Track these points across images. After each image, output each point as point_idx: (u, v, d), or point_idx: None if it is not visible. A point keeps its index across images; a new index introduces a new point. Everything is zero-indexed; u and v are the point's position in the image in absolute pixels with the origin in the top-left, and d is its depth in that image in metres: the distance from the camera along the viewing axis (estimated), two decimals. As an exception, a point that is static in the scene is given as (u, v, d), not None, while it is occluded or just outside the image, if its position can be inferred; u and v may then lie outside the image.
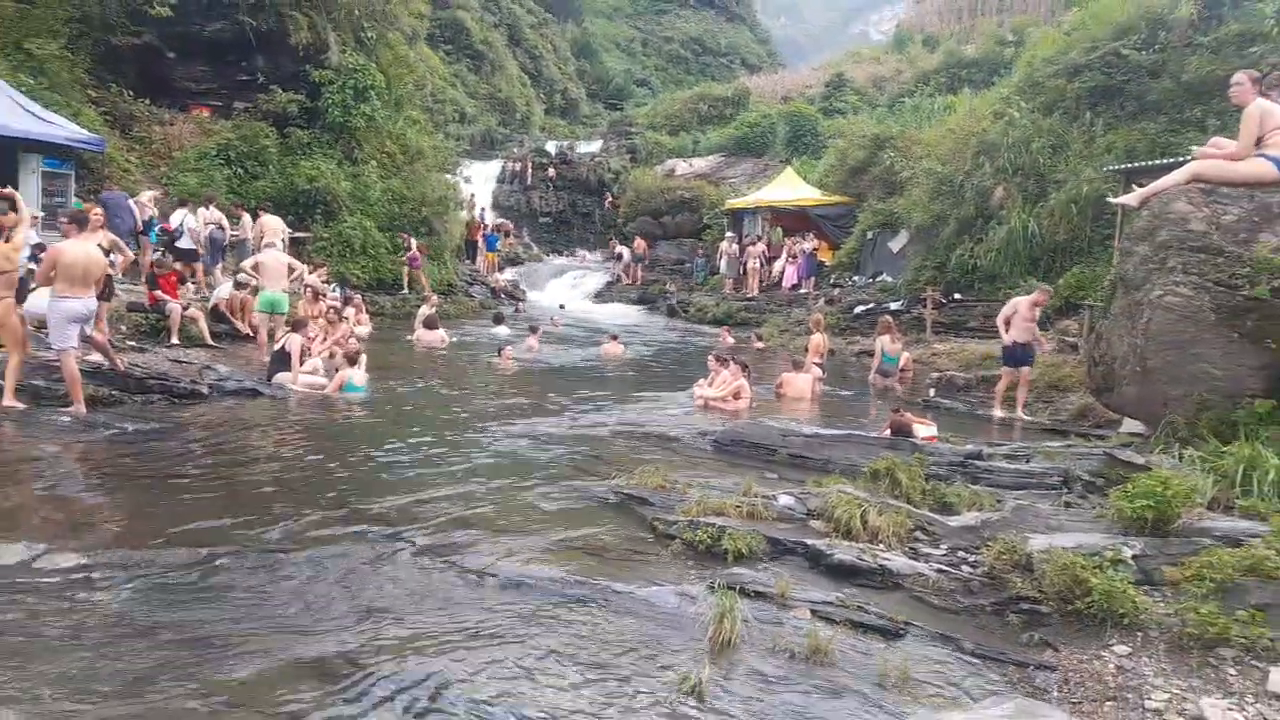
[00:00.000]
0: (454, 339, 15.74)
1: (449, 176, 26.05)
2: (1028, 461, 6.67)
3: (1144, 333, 6.60)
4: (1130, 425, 7.65)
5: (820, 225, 25.04)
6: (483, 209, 30.44)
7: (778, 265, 24.28)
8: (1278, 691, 3.57)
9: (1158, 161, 11.94)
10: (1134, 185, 10.61)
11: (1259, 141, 6.78)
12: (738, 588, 4.35)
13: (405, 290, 20.25)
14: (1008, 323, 10.67)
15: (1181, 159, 9.92)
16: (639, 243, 29.55)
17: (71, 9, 17.42)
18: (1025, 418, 10.16)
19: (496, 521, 5.62)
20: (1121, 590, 4.18)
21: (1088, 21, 18.87)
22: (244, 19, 19.44)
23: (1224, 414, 6.09)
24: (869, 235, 22.21)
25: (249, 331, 12.77)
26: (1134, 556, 4.57)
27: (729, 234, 26.86)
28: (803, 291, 22.83)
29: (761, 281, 24.29)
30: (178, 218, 14.65)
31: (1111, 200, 9.69)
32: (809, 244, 23.74)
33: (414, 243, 20.47)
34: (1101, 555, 4.53)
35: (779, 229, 25.84)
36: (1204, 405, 6.21)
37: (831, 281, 22.74)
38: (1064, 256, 15.74)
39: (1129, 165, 13.70)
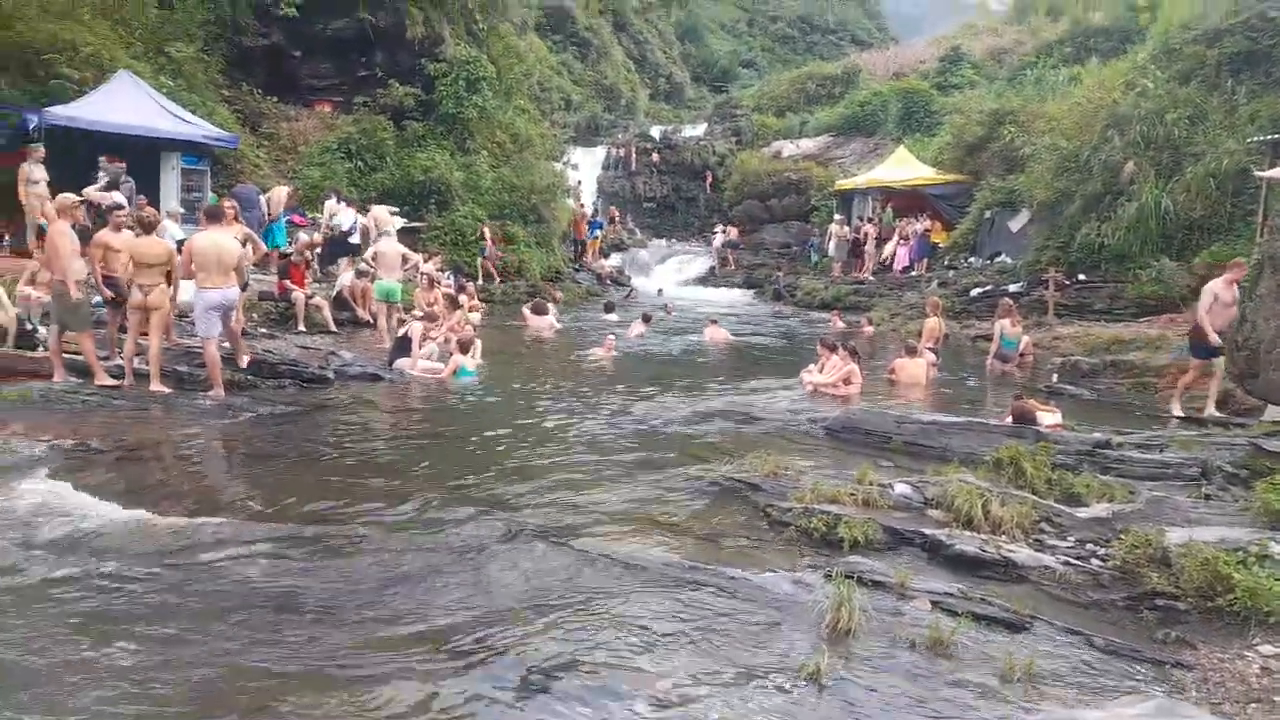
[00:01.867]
0: (562, 325, 16.00)
1: (556, 164, 26.40)
2: (1162, 451, 6.34)
3: (1295, 315, 6.18)
4: (1275, 413, 7.18)
5: (935, 205, 24.28)
6: (584, 205, 30.56)
7: (889, 247, 23.69)
8: None
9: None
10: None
11: None
12: (855, 576, 4.30)
13: (481, 281, 19.38)
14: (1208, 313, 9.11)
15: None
16: (731, 229, 29.29)
17: (207, 12, 18.44)
18: (1217, 414, 8.89)
19: (608, 506, 5.71)
20: (1268, 587, 3.96)
21: (1230, -18, 17.61)
22: (364, 16, 20.14)
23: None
24: (987, 214, 21.40)
25: (369, 318, 13.30)
26: (1283, 553, 4.30)
27: (838, 216, 26.34)
28: (915, 274, 22.21)
29: (872, 264, 23.80)
30: (346, 217, 15.47)
31: (1258, 173, 9.04)
32: (921, 225, 23.07)
33: (488, 233, 20.16)
34: (1246, 550, 4.30)
35: (890, 210, 25.19)
36: (1363, 393, 5.78)
37: (946, 263, 22.04)
38: (1201, 234, 14.80)
39: (1277, 136, 12.76)
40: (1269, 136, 13.04)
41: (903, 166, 25.79)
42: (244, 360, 8.95)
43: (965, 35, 40.92)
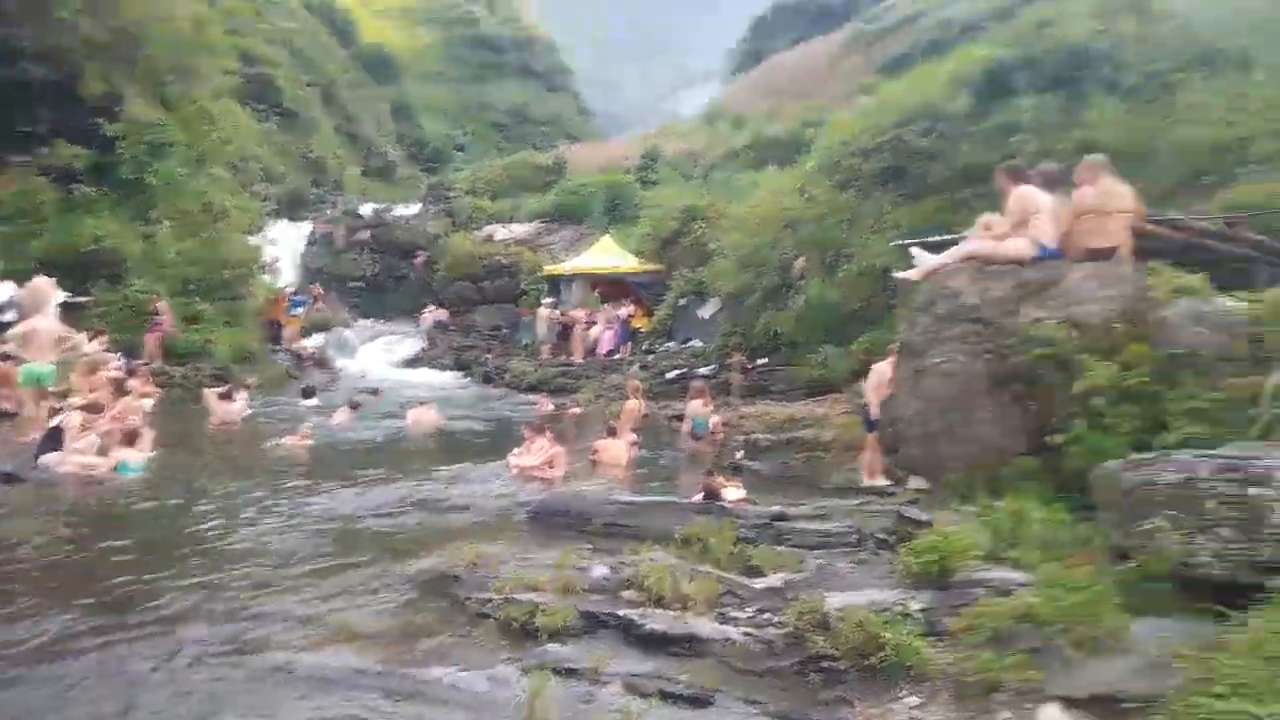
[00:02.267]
0: (252, 411, 14.82)
1: (254, 238, 24.81)
2: (827, 521, 6.98)
3: (925, 396, 7.15)
4: (917, 482, 8.19)
5: (636, 291, 25.68)
6: (288, 288, 28.92)
7: (594, 331, 24.62)
8: (1043, 729, 3.87)
9: (937, 238, 13.08)
10: (915, 261, 11.58)
11: (1023, 224, 7.59)
12: (550, 666, 4.27)
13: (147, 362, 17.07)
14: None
15: (957, 235, 10.93)
16: (441, 310, 29.17)
17: None
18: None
19: (297, 611, 5.26)
20: (909, 643, 4.41)
21: (878, 108, 20.63)
22: (28, 67, 17.90)
23: (994, 471, 6.65)
24: (681, 302, 22.96)
25: (10, 408, 11.50)
26: (921, 610, 4.85)
27: (547, 300, 27.02)
28: (618, 357, 23.20)
29: (582, 347, 24.56)
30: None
31: (897, 274, 10.50)
32: (624, 310, 24.26)
33: (162, 306, 18.32)
34: (892, 610, 4.79)
35: (596, 295, 26.28)
36: (978, 463, 6.76)
37: (645, 347, 23.25)
38: (858, 324, 16.84)
39: (912, 241, 14.93)
40: (907, 241, 15.21)
41: (607, 254, 27.12)
42: None
43: (664, 136, 44.40)
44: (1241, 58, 15.05)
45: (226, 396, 14.46)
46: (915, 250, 9.12)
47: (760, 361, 17.88)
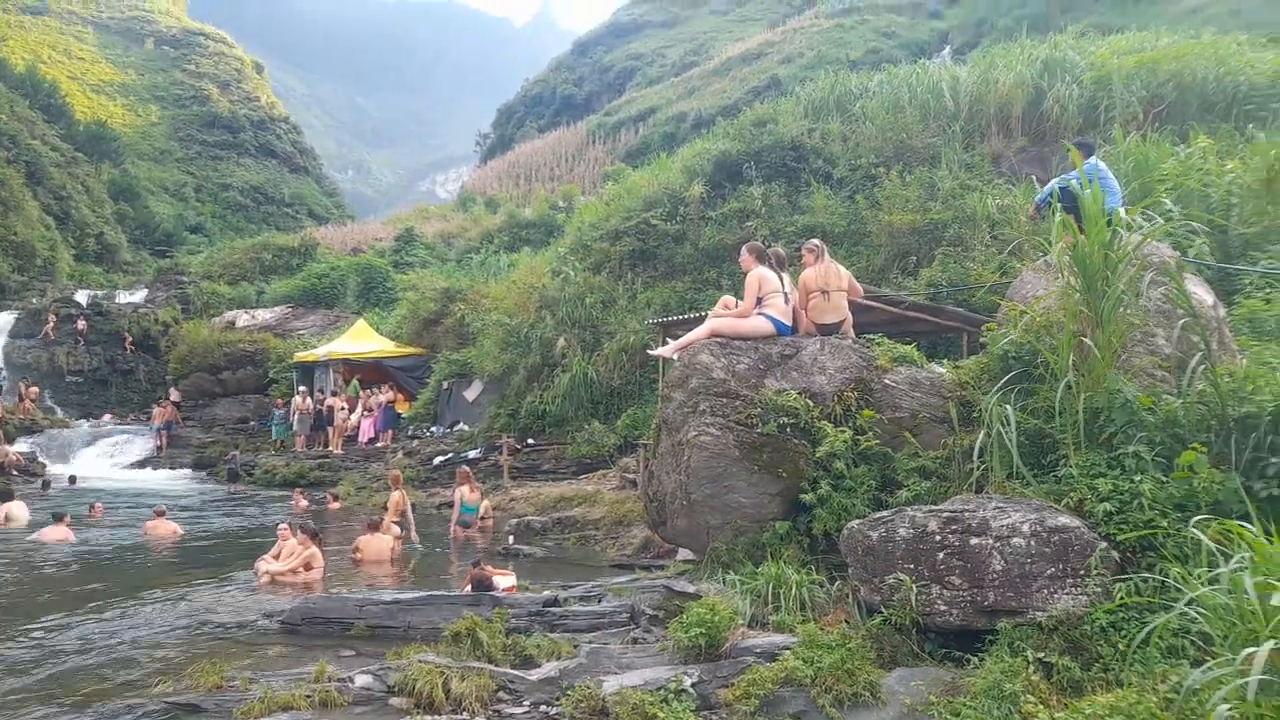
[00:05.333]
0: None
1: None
2: (600, 601, 6.98)
3: (686, 469, 7.39)
4: (684, 554, 8.42)
5: (396, 376, 24.90)
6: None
7: (353, 418, 23.54)
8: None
9: (687, 315, 13.79)
10: (668, 338, 12.14)
11: (759, 302, 8.16)
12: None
13: None
14: None
15: (704, 313, 11.58)
16: (167, 406, 26.77)
17: None
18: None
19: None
20: (684, 720, 4.46)
21: (623, 194, 21.65)
22: None
23: (754, 538, 6.97)
24: (445, 385, 22.54)
25: None
26: (694, 684, 4.92)
27: (300, 388, 25.51)
28: (380, 445, 22.30)
29: (340, 436, 23.34)
30: None
31: (652, 351, 10.93)
32: (385, 396, 23.42)
33: None
34: (666, 688, 4.82)
35: (355, 381, 25.18)
36: (739, 531, 7.06)
37: (410, 433, 22.54)
38: (621, 399, 17.32)
39: (664, 319, 15.66)
40: (660, 320, 15.93)
41: (363, 339, 26.17)
42: None
43: (418, 218, 43.97)
44: (929, 153, 17.35)
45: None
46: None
47: (529, 441, 17.84)
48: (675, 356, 8.67)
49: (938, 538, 5.18)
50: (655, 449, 8.49)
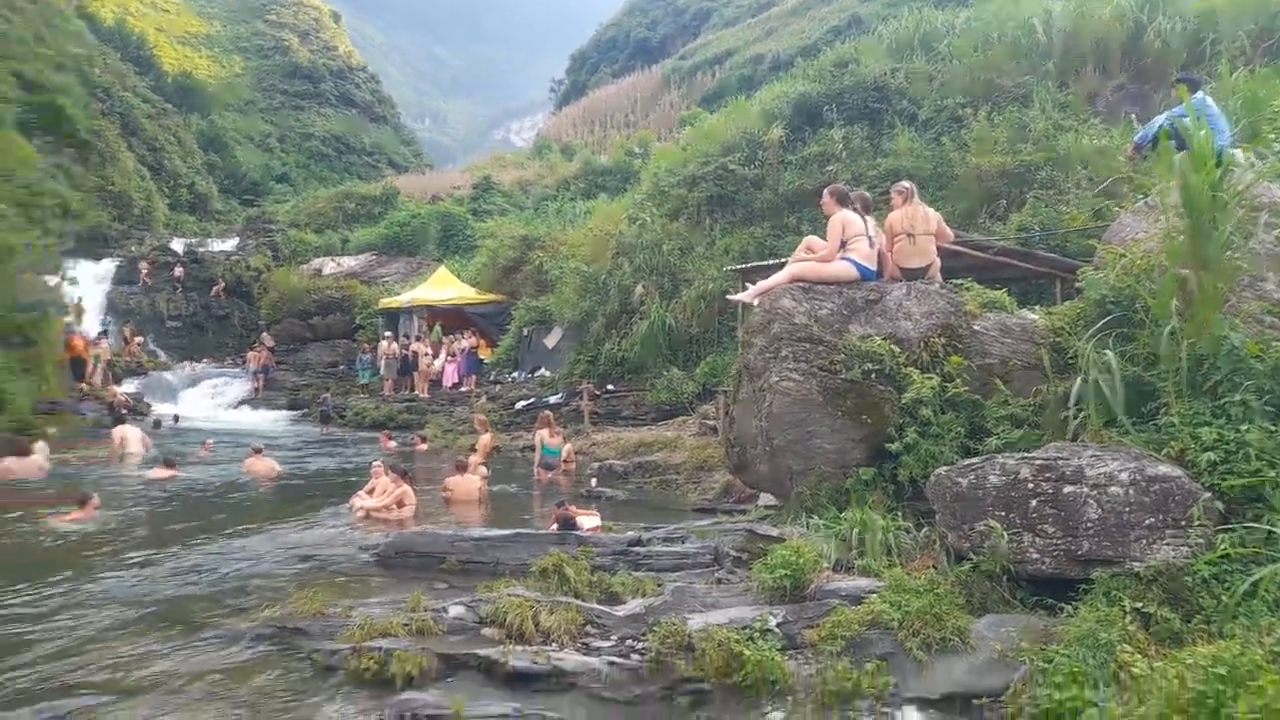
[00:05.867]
0: (49, 466, 13.52)
1: (49, 278, 22.74)
2: (683, 543, 7.09)
3: (768, 415, 7.38)
4: (766, 499, 8.46)
5: (477, 323, 25.35)
6: (97, 324, 26.81)
7: (438, 363, 24.12)
8: (907, 733, 4.06)
9: (766, 262, 13.67)
10: (748, 284, 12.05)
11: (843, 246, 8.02)
12: (408, 715, 4.08)
13: None
14: None
15: (784, 259, 11.46)
16: (262, 351, 27.79)
17: None
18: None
19: (125, 682, 4.81)
20: (770, 658, 4.53)
21: (700, 139, 21.39)
22: None
23: (838, 484, 6.96)
24: (525, 332, 22.87)
25: None
26: (779, 624, 4.98)
27: (386, 333, 26.22)
28: (464, 389, 22.82)
29: (426, 381, 23.99)
30: None
31: (731, 296, 10.88)
32: (468, 341, 23.90)
33: None
34: (751, 627, 4.89)
35: (437, 327, 25.75)
36: (822, 477, 7.05)
37: (492, 378, 23.00)
38: (699, 346, 17.34)
39: (743, 265, 15.54)
40: (739, 266, 15.82)
41: (445, 286, 26.66)
42: None
43: (495, 166, 44.22)
44: (1020, 92, 16.62)
45: (21, 451, 13.13)
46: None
47: (608, 387, 18.04)
48: (755, 302, 8.61)
49: (1030, 485, 5.09)
50: (736, 395, 8.50)
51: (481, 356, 24.09)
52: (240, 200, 51.32)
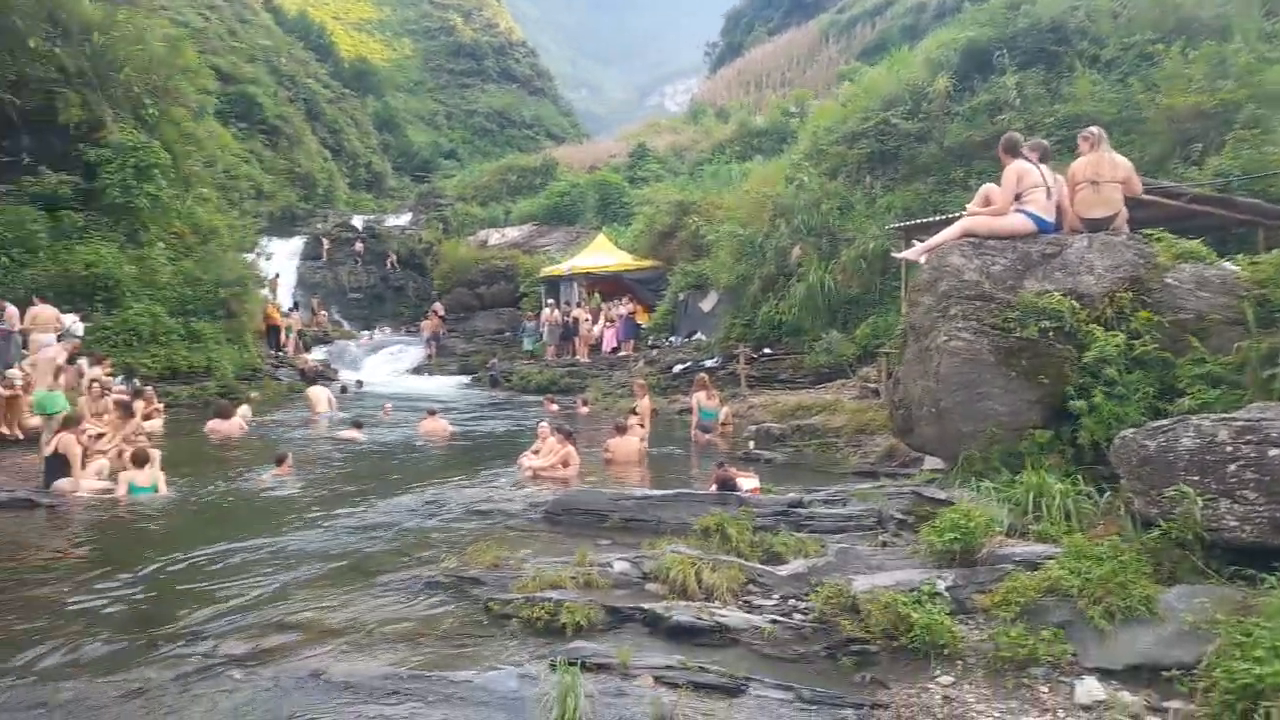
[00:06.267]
0: (250, 427, 14.80)
1: (248, 255, 24.82)
2: (845, 505, 6.98)
3: (935, 376, 7.12)
4: (932, 462, 8.19)
5: (634, 289, 25.69)
6: (288, 297, 29.07)
7: (597, 329, 24.66)
8: (1084, 703, 3.86)
9: (932, 218, 13.10)
10: (914, 240, 11.59)
11: (1018, 198, 7.58)
12: (579, 662, 4.24)
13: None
14: None
15: (950, 215, 10.94)
16: (433, 319, 29.13)
17: None
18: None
19: (318, 620, 5.24)
20: (939, 622, 4.41)
21: (860, 94, 20.65)
22: (5, 97, 17.90)
23: (1010, 446, 6.63)
24: (681, 297, 22.99)
25: (17, 435, 11.47)
26: (948, 588, 4.84)
27: (548, 301, 27.04)
28: (623, 354, 23.24)
29: (586, 346, 24.62)
30: None
31: (896, 254, 10.51)
32: (625, 307, 24.28)
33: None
34: (919, 590, 4.78)
35: (596, 294, 26.30)
36: (993, 439, 6.74)
37: (650, 343, 23.30)
38: (859, 308, 16.89)
39: (907, 222, 14.97)
40: (902, 223, 15.24)
41: (603, 253, 27.13)
42: None
43: (649, 133, 44.37)
44: (1218, 24, 15.06)
45: (223, 414, 14.43)
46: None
47: (765, 351, 17.91)
48: (922, 260, 8.29)
49: (1229, 448, 4.68)
50: (900, 356, 8.25)
51: (639, 322, 24.43)
52: (412, 177, 53.99)
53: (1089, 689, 3.94)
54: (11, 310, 14.96)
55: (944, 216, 11.98)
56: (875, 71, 22.78)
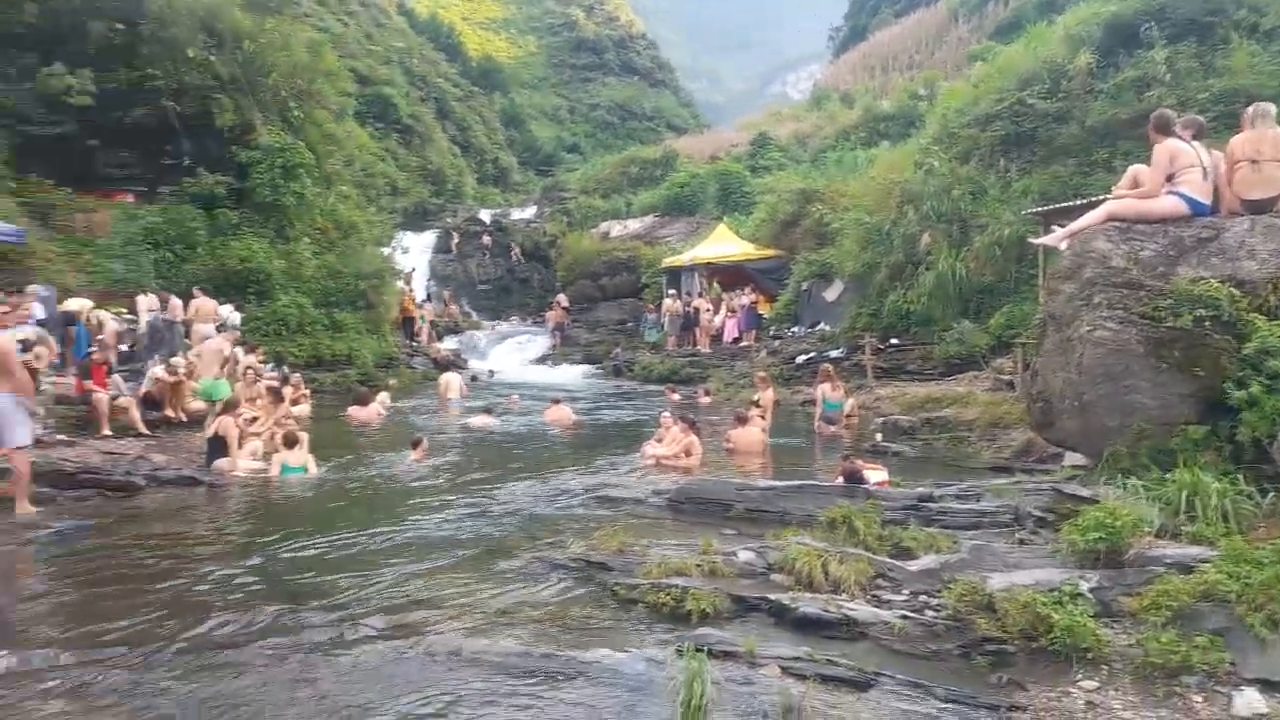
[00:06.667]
0: (386, 414, 15.48)
1: (384, 249, 25.95)
2: (978, 501, 6.76)
3: (1078, 367, 6.79)
4: (1073, 458, 7.81)
5: (756, 279, 25.48)
6: (422, 289, 30.32)
7: (718, 319, 24.60)
8: (1244, 715, 3.63)
9: (1073, 202, 12.46)
10: (1053, 226, 11.05)
11: (1170, 179, 7.12)
12: (705, 649, 4.28)
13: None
14: None
15: (1093, 198, 10.37)
16: (558, 310, 29.57)
17: (-13, 101, 17.22)
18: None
19: (454, 599, 5.47)
20: (1082, 624, 4.23)
21: (994, 74, 19.80)
22: (168, 104, 19.32)
23: (1161, 442, 6.26)
24: (804, 286, 22.66)
25: (181, 418, 12.39)
26: (1091, 589, 4.63)
27: (670, 291, 27.16)
28: (744, 344, 23.11)
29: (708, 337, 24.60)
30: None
31: (1034, 240, 10.05)
32: (747, 297, 24.12)
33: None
34: (1060, 590, 4.59)
35: (717, 284, 26.23)
36: (1142, 435, 6.38)
37: (772, 333, 23.08)
38: (993, 297, 16.24)
39: (1046, 207, 14.28)
40: (1040, 208, 14.56)
41: (724, 243, 27.01)
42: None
43: (771, 121, 43.81)
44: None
45: (362, 401, 15.15)
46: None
47: (892, 341, 17.47)
48: (1063, 246, 7.90)
49: None
50: (1039, 346, 7.90)
51: (761, 312, 24.22)
52: (536, 171, 55.19)
53: (1249, 700, 3.71)
54: (175, 302, 16.16)
55: (1086, 200, 11.37)
56: (1010, 50, 21.78)
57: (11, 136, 17.79)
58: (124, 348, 13.97)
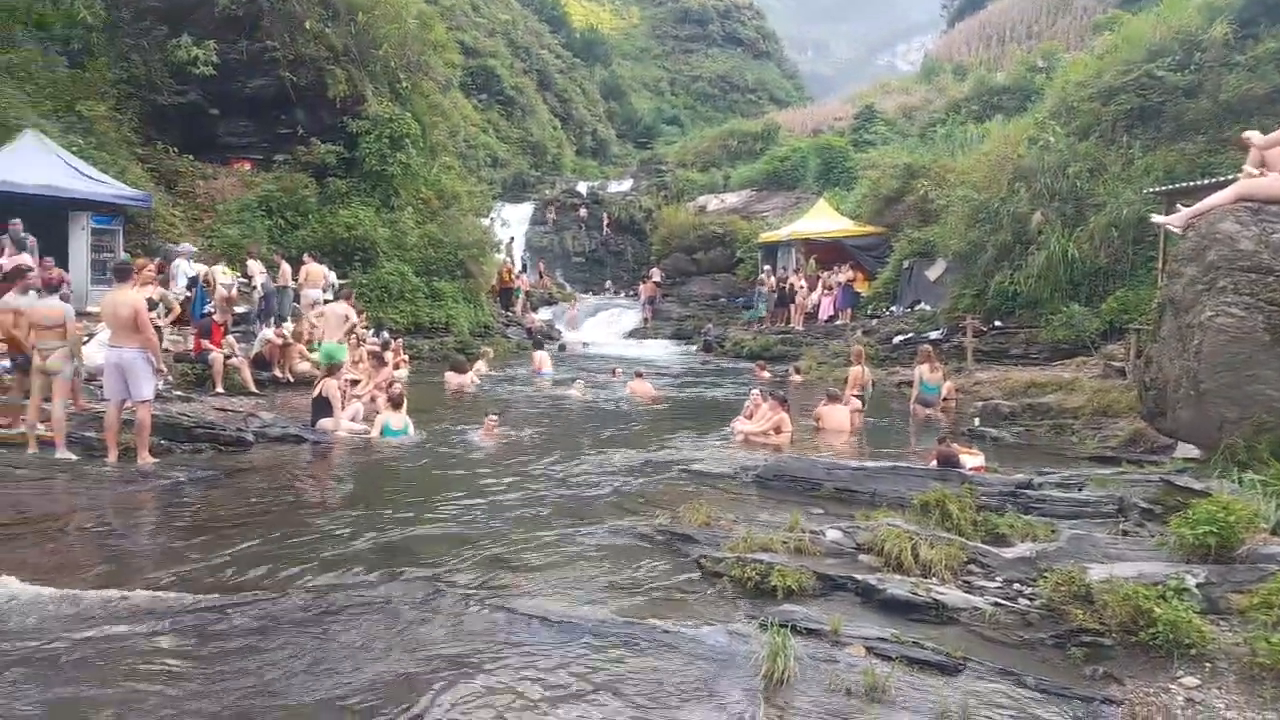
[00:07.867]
0: (480, 382, 15.81)
1: (484, 220, 26.43)
2: (1080, 490, 6.52)
3: (1196, 355, 6.46)
4: (1185, 450, 7.46)
5: (855, 256, 24.96)
6: (518, 260, 30.80)
7: (813, 297, 24.23)
8: (1360, 724, 3.43)
9: (1200, 182, 11.76)
10: (1177, 206, 10.47)
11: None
12: (789, 625, 4.26)
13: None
14: None
15: (1223, 178, 9.76)
16: (649, 284, 29.53)
17: (120, 71, 18.13)
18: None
19: (541, 564, 5.59)
20: (1187, 620, 4.05)
21: (1120, 45, 18.76)
22: (285, 75, 20.04)
23: (1284, 436, 5.92)
24: (905, 264, 22.09)
25: (288, 378, 12.96)
26: (1198, 585, 4.44)
27: (765, 267, 26.85)
28: (839, 323, 22.72)
29: (801, 314, 24.29)
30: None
31: (1156, 220, 9.54)
32: (844, 275, 23.67)
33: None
34: (1164, 584, 4.41)
35: (813, 261, 25.81)
36: (1262, 427, 6.04)
37: (869, 312, 22.62)
38: (1106, 280, 15.52)
39: (1170, 186, 13.52)
40: (1164, 187, 13.79)
41: (823, 219, 26.52)
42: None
43: (877, 94, 42.60)
44: None
45: (458, 369, 15.52)
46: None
47: (995, 324, 16.89)
48: (1184, 227, 7.48)
49: None
50: (1155, 332, 7.53)
51: (858, 290, 23.73)
52: (635, 143, 55.07)
53: (1366, 710, 3.49)
54: (285, 267, 16.84)
55: (1214, 180, 10.72)
56: (1140, 19, 20.56)
57: (141, 106, 18.74)
58: (239, 310, 14.66)
